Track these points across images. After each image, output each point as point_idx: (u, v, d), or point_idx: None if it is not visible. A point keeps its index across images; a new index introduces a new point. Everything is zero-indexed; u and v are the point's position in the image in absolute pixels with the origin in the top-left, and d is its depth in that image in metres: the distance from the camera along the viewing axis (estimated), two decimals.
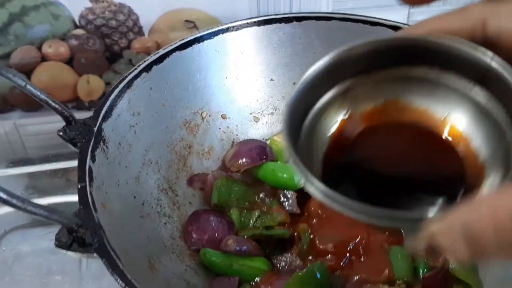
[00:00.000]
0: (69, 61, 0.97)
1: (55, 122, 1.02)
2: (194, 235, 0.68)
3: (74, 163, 0.99)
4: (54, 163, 1.00)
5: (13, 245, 0.84)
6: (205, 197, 0.76)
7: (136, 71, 0.70)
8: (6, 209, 0.91)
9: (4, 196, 0.41)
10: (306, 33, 0.83)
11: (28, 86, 0.54)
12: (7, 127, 1.02)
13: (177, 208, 0.71)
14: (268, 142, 0.83)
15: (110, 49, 0.97)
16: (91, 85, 1.00)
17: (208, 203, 0.75)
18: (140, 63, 0.71)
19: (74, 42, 0.95)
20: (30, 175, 0.99)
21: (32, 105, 1.00)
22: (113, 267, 0.46)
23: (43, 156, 1.02)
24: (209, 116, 0.81)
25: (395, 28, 0.77)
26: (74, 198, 0.54)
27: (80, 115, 0.63)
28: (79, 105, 1.03)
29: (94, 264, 0.81)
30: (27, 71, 0.98)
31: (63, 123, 1.02)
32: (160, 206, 0.69)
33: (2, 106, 1.00)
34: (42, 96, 0.55)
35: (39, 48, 0.95)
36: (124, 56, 0.98)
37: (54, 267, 0.81)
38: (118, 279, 0.44)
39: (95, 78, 1.00)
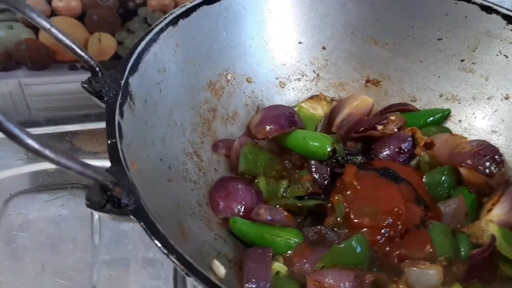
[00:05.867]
0: (81, 17, 0.91)
1: (63, 83, 0.98)
2: (221, 203, 0.64)
3: (83, 126, 0.96)
4: (62, 126, 0.95)
5: (19, 210, 0.79)
6: (231, 164, 0.71)
7: (162, 24, 0.64)
8: (10, 172, 0.86)
9: (36, 146, 0.35)
10: None
11: (53, 30, 0.48)
12: (11, 86, 0.96)
13: (203, 174, 0.67)
14: (295, 109, 0.78)
15: (125, 6, 0.91)
16: (102, 44, 0.94)
17: (233, 170, 0.71)
18: (166, 16, 0.66)
19: None
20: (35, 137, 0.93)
21: (38, 63, 0.94)
22: (153, 231, 0.41)
23: (49, 118, 0.96)
24: (234, 78, 0.76)
25: None
26: None
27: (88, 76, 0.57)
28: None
29: (107, 232, 0.76)
30: (35, 26, 0.91)
31: (72, 84, 0.98)
32: (186, 171, 0.64)
33: (6, 63, 0.93)
34: (68, 42, 0.49)
35: (49, 1, 0.88)
36: (139, 14, 0.92)
37: (65, 235, 0.76)
38: (160, 246, 0.40)
39: (107, 36, 0.94)
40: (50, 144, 0.37)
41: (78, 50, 0.50)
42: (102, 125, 0.96)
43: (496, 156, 0.69)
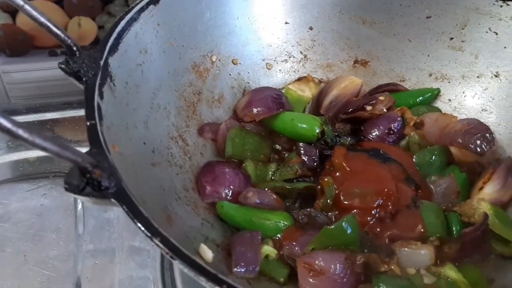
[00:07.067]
0: (59, 1, 0.88)
1: (43, 69, 0.95)
2: (208, 187, 0.62)
3: (64, 114, 0.93)
4: (42, 114, 0.92)
5: (0, 200, 0.76)
6: (217, 148, 0.69)
7: (143, 3, 0.62)
8: None
9: (8, 125, 0.33)
10: None
11: (27, 6, 0.45)
12: None
13: (189, 158, 0.65)
14: (282, 91, 0.77)
15: None
16: (82, 28, 0.91)
17: (220, 155, 0.69)
18: None
19: None
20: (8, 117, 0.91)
21: (17, 49, 0.91)
22: (136, 214, 0.39)
23: (29, 106, 0.93)
24: (219, 60, 0.74)
25: None
26: None
27: None
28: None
29: (91, 221, 0.74)
30: (12, 10, 0.88)
31: (52, 71, 0.95)
32: (171, 155, 0.62)
33: None
34: (43, 19, 0.47)
35: None
36: None
37: (47, 224, 0.73)
38: (144, 229, 0.38)
39: (87, 20, 0.91)
40: (24, 125, 0.35)
41: (54, 29, 0.48)
42: (84, 112, 0.94)
43: (487, 134, 0.68)
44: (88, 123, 0.45)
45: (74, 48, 0.50)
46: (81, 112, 0.91)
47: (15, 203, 0.76)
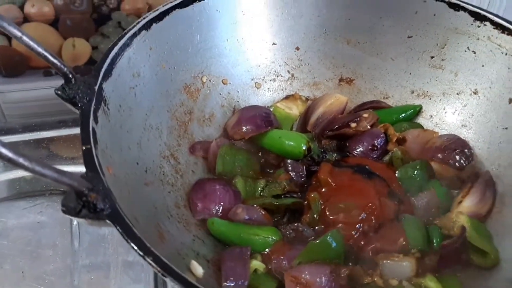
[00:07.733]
0: (54, 23, 0.90)
1: (38, 89, 0.98)
2: (199, 204, 0.65)
3: (59, 132, 0.95)
4: (38, 132, 0.94)
5: None
6: (208, 166, 0.72)
7: (135, 29, 0.64)
8: None
9: (10, 155, 0.36)
10: None
11: (25, 38, 0.48)
12: None
13: (180, 176, 0.67)
14: (271, 109, 0.80)
15: (98, 10, 0.91)
16: (77, 49, 0.94)
17: (211, 172, 0.71)
18: (139, 20, 0.66)
19: (59, 1, 0.88)
20: (11, 145, 0.92)
21: (13, 70, 0.93)
22: (129, 234, 0.42)
23: (25, 125, 0.96)
24: (210, 81, 0.77)
25: None
26: None
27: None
28: None
29: (87, 237, 0.76)
30: None
31: (47, 90, 0.97)
32: (163, 174, 0.65)
33: None
34: (40, 49, 0.49)
35: (21, 7, 0.88)
36: (113, 18, 0.92)
37: (44, 241, 0.75)
38: (136, 248, 0.40)
39: (82, 41, 0.93)
40: (24, 152, 0.38)
41: (51, 58, 0.51)
42: (78, 130, 0.96)
43: (466, 150, 0.71)
44: (83, 148, 0.48)
45: (70, 76, 0.53)
46: (76, 130, 0.95)
47: (12, 221, 0.78)
